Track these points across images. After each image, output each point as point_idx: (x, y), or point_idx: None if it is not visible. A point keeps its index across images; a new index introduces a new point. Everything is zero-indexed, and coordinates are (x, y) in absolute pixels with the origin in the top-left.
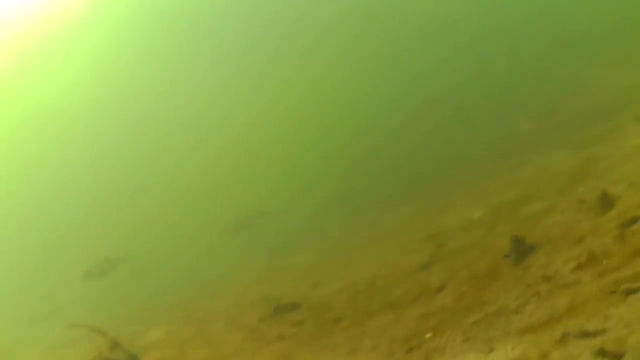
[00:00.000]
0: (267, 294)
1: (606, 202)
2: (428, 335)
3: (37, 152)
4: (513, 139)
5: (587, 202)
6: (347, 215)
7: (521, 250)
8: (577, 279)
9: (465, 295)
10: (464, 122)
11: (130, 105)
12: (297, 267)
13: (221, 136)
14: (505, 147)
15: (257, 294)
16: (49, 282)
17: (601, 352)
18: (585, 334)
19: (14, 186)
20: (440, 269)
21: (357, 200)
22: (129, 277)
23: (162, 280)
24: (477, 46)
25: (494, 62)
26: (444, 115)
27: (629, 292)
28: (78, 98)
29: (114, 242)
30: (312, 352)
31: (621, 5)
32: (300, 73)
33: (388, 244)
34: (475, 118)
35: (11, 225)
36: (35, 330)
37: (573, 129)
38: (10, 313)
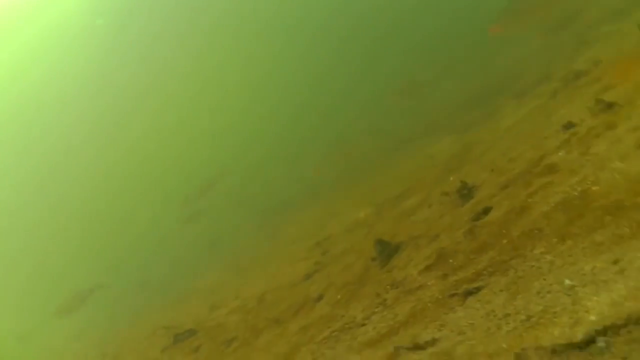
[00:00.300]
0: (170, 323)
1: (466, 192)
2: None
3: None
4: (402, 130)
5: (449, 193)
6: (247, 228)
7: (386, 252)
8: (422, 283)
9: (338, 304)
10: (357, 116)
11: None
12: (197, 292)
13: None
14: (395, 140)
15: (161, 323)
16: None
17: None
18: (416, 347)
19: None
20: (321, 277)
21: (258, 210)
22: None
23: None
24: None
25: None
26: (333, 110)
27: (468, 294)
28: None
29: None
30: None
31: None
32: None
33: (282, 254)
34: (366, 110)
35: None
36: None
37: (457, 114)
38: None
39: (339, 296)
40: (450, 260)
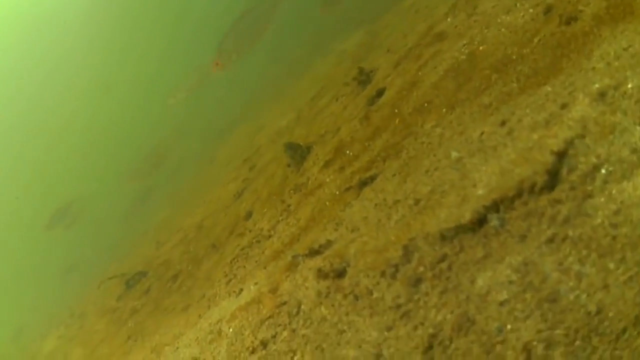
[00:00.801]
0: (121, 270)
1: (364, 79)
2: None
3: None
4: (322, 35)
5: (349, 83)
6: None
7: (298, 155)
8: (322, 181)
9: (264, 218)
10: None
11: None
12: (145, 233)
13: None
14: (314, 45)
15: (113, 271)
16: None
17: (321, 272)
18: (312, 252)
19: None
20: (249, 193)
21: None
22: None
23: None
24: None
25: None
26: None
27: (362, 185)
28: None
29: None
30: (156, 319)
31: None
32: None
33: (217, 178)
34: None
35: None
36: None
37: (367, 5)
38: None
39: (265, 209)
40: (347, 152)
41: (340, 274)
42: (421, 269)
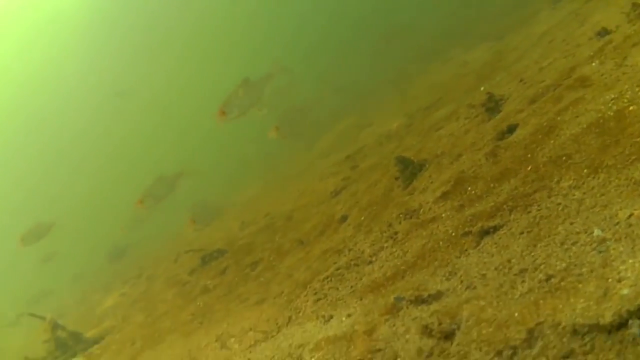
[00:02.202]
0: (200, 244)
1: (492, 105)
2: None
3: None
4: (439, 40)
5: (476, 106)
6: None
7: (409, 170)
8: (437, 214)
9: (361, 227)
10: (398, 27)
11: None
12: (231, 208)
13: None
14: (432, 49)
15: (192, 245)
16: None
17: (427, 329)
18: (419, 300)
19: None
20: (348, 195)
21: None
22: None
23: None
24: None
25: None
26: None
27: (483, 233)
28: None
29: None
30: (227, 305)
31: None
32: None
33: (314, 169)
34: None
35: None
36: None
37: (493, 20)
38: None
39: (362, 217)
40: (469, 188)
41: (448, 336)
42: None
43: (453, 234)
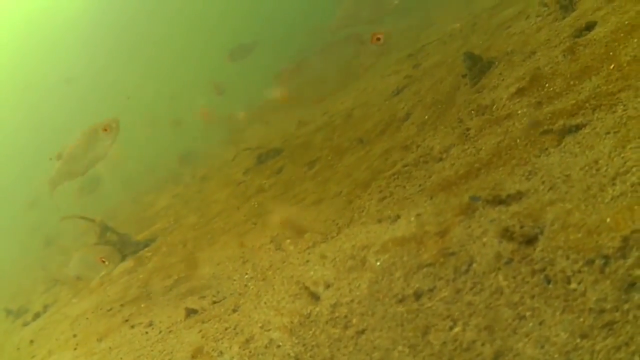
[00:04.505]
0: (257, 142)
1: (566, 3)
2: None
3: None
4: None
5: (548, 4)
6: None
7: (477, 68)
8: (512, 111)
9: (424, 126)
10: None
11: None
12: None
13: None
14: None
15: (249, 143)
16: None
17: (507, 232)
18: (497, 201)
19: None
20: (410, 93)
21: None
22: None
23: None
24: None
25: None
26: None
27: (564, 132)
28: None
29: None
30: (282, 205)
31: None
32: None
33: (374, 66)
34: None
35: None
36: None
37: None
38: None
39: (426, 116)
40: (546, 85)
41: (530, 240)
42: (639, 272)
43: (531, 131)
